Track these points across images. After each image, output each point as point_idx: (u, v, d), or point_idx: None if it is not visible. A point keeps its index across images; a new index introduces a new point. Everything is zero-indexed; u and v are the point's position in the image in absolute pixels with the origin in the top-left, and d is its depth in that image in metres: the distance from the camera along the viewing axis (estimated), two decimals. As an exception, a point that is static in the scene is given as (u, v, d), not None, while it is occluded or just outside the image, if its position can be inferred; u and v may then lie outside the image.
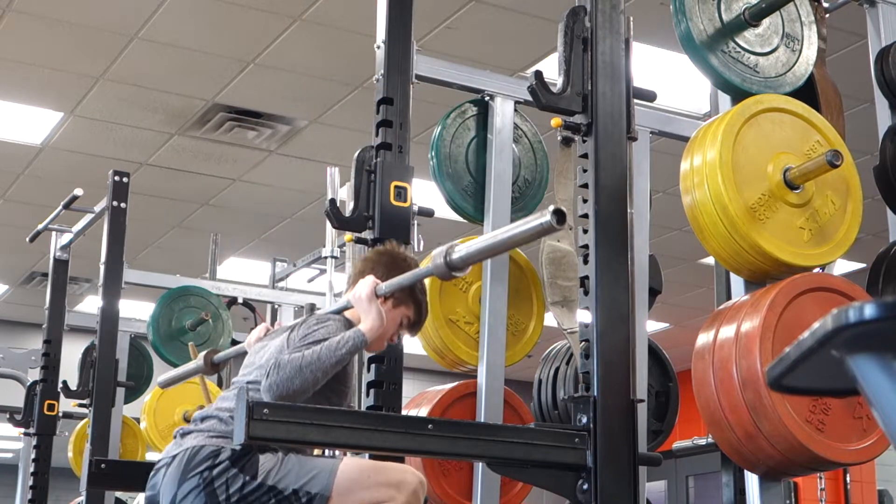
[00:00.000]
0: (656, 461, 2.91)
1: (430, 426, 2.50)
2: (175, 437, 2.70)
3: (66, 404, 6.41)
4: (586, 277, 2.67)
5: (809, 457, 2.71)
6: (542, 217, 2.23)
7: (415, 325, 2.91)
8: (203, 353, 3.48)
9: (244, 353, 3.05)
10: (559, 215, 2.20)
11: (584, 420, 2.58)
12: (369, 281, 2.72)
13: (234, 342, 6.38)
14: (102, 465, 4.42)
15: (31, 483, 6.06)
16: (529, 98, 2.79)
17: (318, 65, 6.29)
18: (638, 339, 3.05)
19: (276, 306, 6.60)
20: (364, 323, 2.67)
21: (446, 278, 2.58)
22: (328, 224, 4.84)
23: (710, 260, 4.42)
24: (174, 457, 2.60)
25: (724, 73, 3.03)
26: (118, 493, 6.46)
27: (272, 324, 6.45)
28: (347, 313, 2.80)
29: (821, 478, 7.29)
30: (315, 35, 5.97)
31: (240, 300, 6.51)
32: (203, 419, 2.66)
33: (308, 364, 2.52)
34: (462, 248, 2.49)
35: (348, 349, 2.59)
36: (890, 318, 0.87)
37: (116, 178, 5.59)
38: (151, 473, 2.67)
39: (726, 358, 2.75)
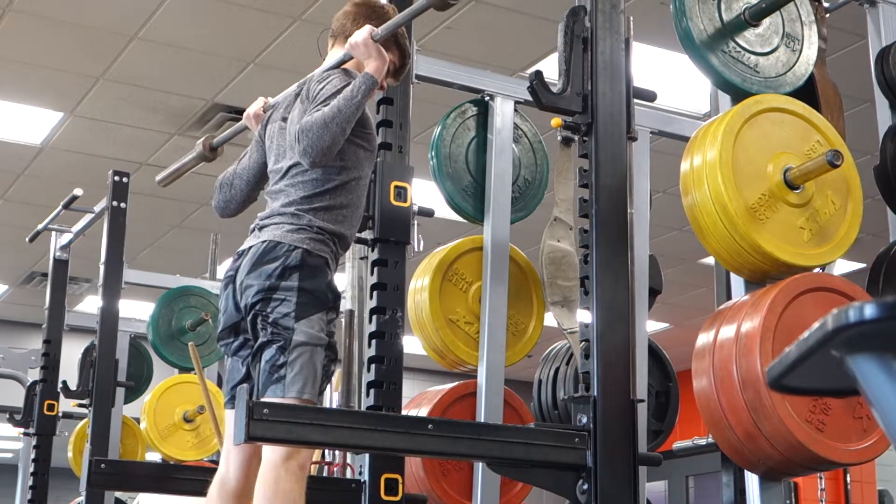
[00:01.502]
0: (656, 461, 2.91)
1: (430, 426, 2.50)
2: (254, 229, 2.82)
3: (66, 404, 6.41)
4: (586, 277, 2.68)
5: (809, 457, 2.71)
6: None
7: (399, 71, 3.01)
8: (201, 140, 3.48)
9: (243, 130, 3.18)
10: None
11: (584, 420, 2.58)
12: (364, 29, 2.81)
13: (234, 342, 6.37)
14: (102, 465, 4.41)
15: (30, 483, 6.06)
16: (529, 98, 2.79)
17: (318, 65, 6.28)
18: (638, 339, 3.05)
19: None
20: (369, 65, 2.77)
21: (442, 7, 2.63)
22: (328, 224, 4.83)
23: (710, 260, 4.42)
24: (251, 247, 2.75)
25: (724, 73, 3.03)
26: (118, 493, 6.45)
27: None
28: (346, 65, 2.90)
29: (821, 478, 7.28)
30: (315, 35, 5.96)
31: (240, 300, 6.50)
32: (270, 216, 2.77)
33: (332, 118, 2.63)
34: None
35: (363, 93, 2.70)
36: (890, 318, 0.87)
37: (116, 178, 5.59)
38: (234, 259, 2.82)
39: (726, 358, 2.75)
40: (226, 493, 2.72)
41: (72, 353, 6.57)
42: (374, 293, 3.44)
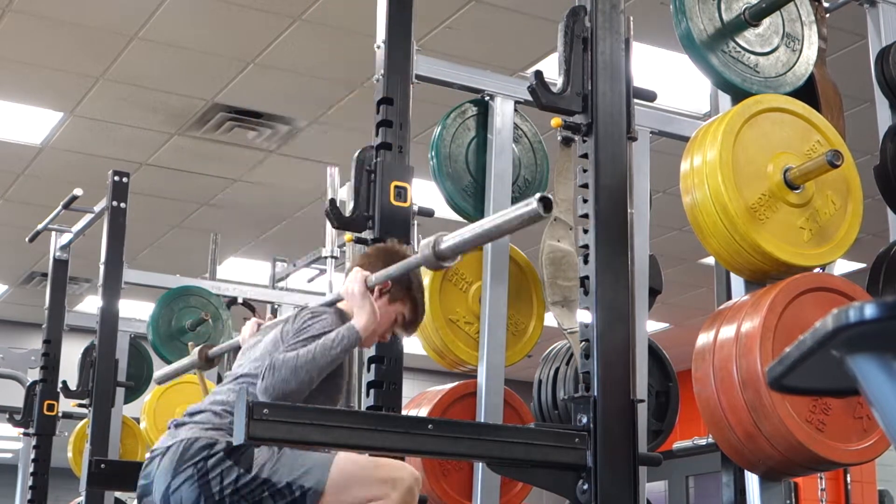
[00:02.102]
0: (656, 461, 2.91)
1: (430, 426, 2.50)
2: (169, 427, 2.70)
3: (66, 404, 6.41)
4: (586, 277, 2.67)
5: (809, 457, 2.71)
6: (529, 205, 2.22)
7: (410, 325, 2.88)
8: (197, 347, 3.48)
9: (239, 348, 3.05)
10: (545, 203, 2.19)
11: (584, 420, 2.58)
12: (359, 274, 2.70)
13: (234, 342, 6.38)
14: (102, 465, 4.42)
15: (30, 483, 6.06)
16: (529, 98, 2.79)
17: (318, 65, 6.29)
18: (638, 339, 3.05)
19: (276, 306, 6.60)
20: (357, 319, 2.65)
21: (435, 268, 2.58)
22: (328, 224, 4.84)
23: (710, 260, 4.42)
24: (168, 447, 2.60)
25: (724, 73, 3.03)
26: (118, 493, 6.45)
27: (272, 324, 6.49)
28: (341, 304, 2.80)
29: (821, 478, 7.28)
30: (315, 35, 5.97)
31: (240, 300, 6.51)
32: (196, 413, 2.66)
33: (303, 364, 2.52)
34: (450, 238, 2.48)
35: (343, 347, 2.58)
36: (890, 318, 0.87)
37: (116, 178, 5.59)
38: (144, 463, 2.67)
39: (726, 358, 2.75)
40: None
41: (72, 353, 6.57)
42: (374, 293, 3.43)
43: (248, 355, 2.82)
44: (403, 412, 3.58)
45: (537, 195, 2.21)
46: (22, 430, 6.71)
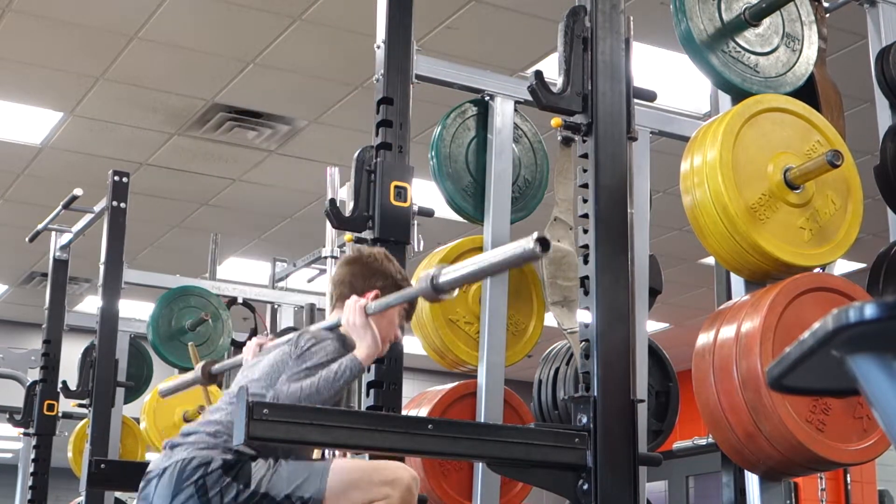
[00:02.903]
0: (656, 461, 2.91)
1: (430, 426, 2.50)
2: (164, 448, 2.69)
3: (66, 404, 6.41)
4: (586, 277, 2.67)
5: (809, 457, 2.71)
6: (526, 244, 2.22)
7: (409, 314, 2.91)
8: (200, 363, 3.48)
9: (241, 364, 3.04)
10: (542, 243, 2.19)
11: (584, 420, 2.58)
12: (359, 305, 2.67)
13: (234, 342, 6.38)
14: (102, 466, 4.41)
15: (30, 483, 6.06)
16: (529, 98, 2.79)
17: (318, 65, 6.29)
18: (638, 339, 3.05)
19: (276, 306, 6.60)
20: (360, 350, 2.64)
21: (432, 300, 2.57)
22: (328, 224, 4.84)
23: (710, 260, 4.42)
24: (165, 469, 2.59)
25: (724, 73, 3.03)
26: (118, 494, 6.45)
27: (272, 325, 6.49)
28: (343, 329, 2.78)
29: (821, 478, 7.28)
30: (315, 35, 5.97)
31: (240, 300, 6.51)
32: (189, 434, 2.65)
33: (306, 398, 2.52)
34: (448, 272, 2.47)
35: (346, 379, 2.58)
36: (890, 318, 0.87)
37: (116, 178, 5.59)
38: (142, 484, 2.66)
39: (726, 358, 2.75)
40: None
41: (72, 353, 6.57)
42: (374, 293, 3.43)
43: (246, 374, 2.82)
44: (403, 412, 3.58)
45: (535, 234, 2.21)
46: (22, 430, 6.71)
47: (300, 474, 2.57)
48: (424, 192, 4.37)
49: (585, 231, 2.72)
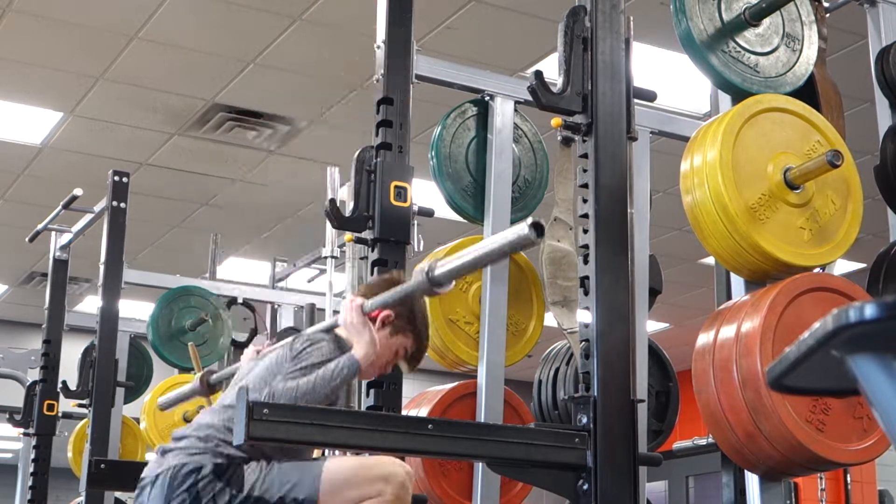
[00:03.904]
0: (656, 461, 2.91)
1: (430, 426, 2.50)
2: (157, 453, 2.69)
3: (66, 404, 6.41)
4: (586, 277, 2.67)
5: (809, 457, 2.71)
6: (521, 230, 2.21)
7: (413, 359, 2.83)
8: (199, 374, 3.49)
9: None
10: (537, 228, 2.19)
11: (584, 420, 2.58)
12: (355, 304, 2.67)
13: (234, 342, 6.38)
14: (102, 466, 4.42)
15: (30, 483, 6.06)
16: (529, 98, 2.79)
17: (318, 65, 6.29)
18: (638, 339, 3.05)
19: (276, 306, 6.60)
20: (357, 349, 2.63)
21: (429, 294, 2.56)
22: (328, 224, 4.84)
23: (710, 260, 4.42)
24: (157, 476, 2.59)
25: (724, 73, 3.03)
26: (118, 493, 6.45)
27: (272, 325, 6.49)
28: (339, 330, 2.77)
29: (821, 478, 7.28)
30: (315, 35, 5.97)
31: (240, 300, 6.51)
32: (181, 438, 2.65)
33: (303, 396, 2.51)
34: (444, 264, 2.46)
35: (342, 378, 2.57)
36: (890, 318, 0.87)
37: (116, 178, 5.60)
38: (136, 492, 2.66)
39: (726, 358, 2.75)
40: None
41: (72, 353, 6.57)
42: (375, 293, 3.43)
43: (242, 380, 2.81)
44: (403, 412, 3.58)
45: (529, 219, 2.20)
46: (22, 430, 6.71)
47: (293, 476, 2.57)
48: (424, 192, 4.37)
49: (585, 231, 2.72)
